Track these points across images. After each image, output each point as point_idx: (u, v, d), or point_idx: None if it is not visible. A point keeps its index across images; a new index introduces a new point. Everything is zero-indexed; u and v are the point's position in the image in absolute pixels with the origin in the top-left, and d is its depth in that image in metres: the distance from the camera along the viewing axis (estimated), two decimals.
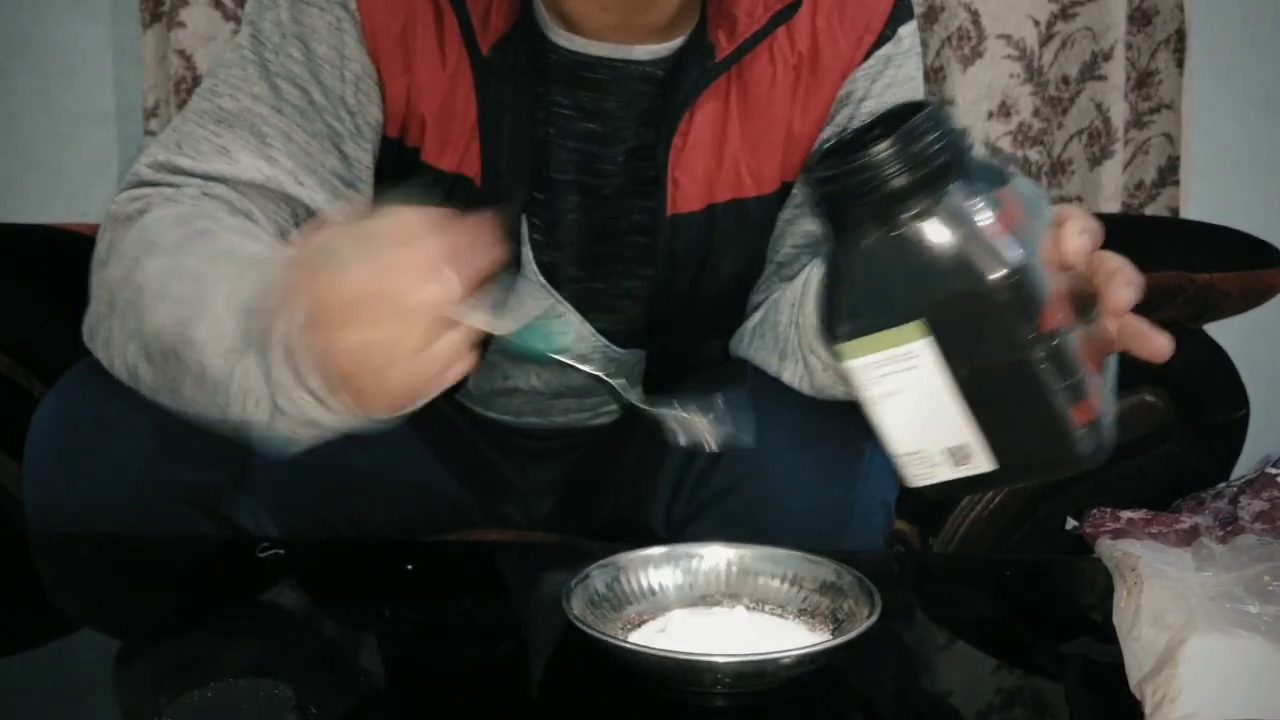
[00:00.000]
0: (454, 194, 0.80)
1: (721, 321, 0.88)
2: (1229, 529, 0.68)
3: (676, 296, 0.84)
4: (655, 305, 0.85)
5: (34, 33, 1.68)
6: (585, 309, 0.86)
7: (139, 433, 0.75)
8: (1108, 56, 1.56)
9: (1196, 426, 1.02)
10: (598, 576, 0.63)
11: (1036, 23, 1.59)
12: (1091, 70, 1.58)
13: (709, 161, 0.80)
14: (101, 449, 0.76)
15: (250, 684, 0.49)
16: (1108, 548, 0.67)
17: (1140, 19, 1.60)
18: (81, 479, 0.76)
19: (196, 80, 1.60)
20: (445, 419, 0.96)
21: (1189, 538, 0.65)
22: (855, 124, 0.81)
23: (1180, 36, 1.58)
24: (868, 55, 0.82)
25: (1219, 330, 1.04)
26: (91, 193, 1.71)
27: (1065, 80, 1.60)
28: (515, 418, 0.96)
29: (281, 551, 0.74)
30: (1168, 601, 0.57)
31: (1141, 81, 1.62)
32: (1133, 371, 0.59)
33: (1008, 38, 1.59)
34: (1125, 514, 0.71)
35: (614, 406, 0.95)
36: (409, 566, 0.73)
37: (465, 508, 0.96)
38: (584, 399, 0.94)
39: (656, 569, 0.65)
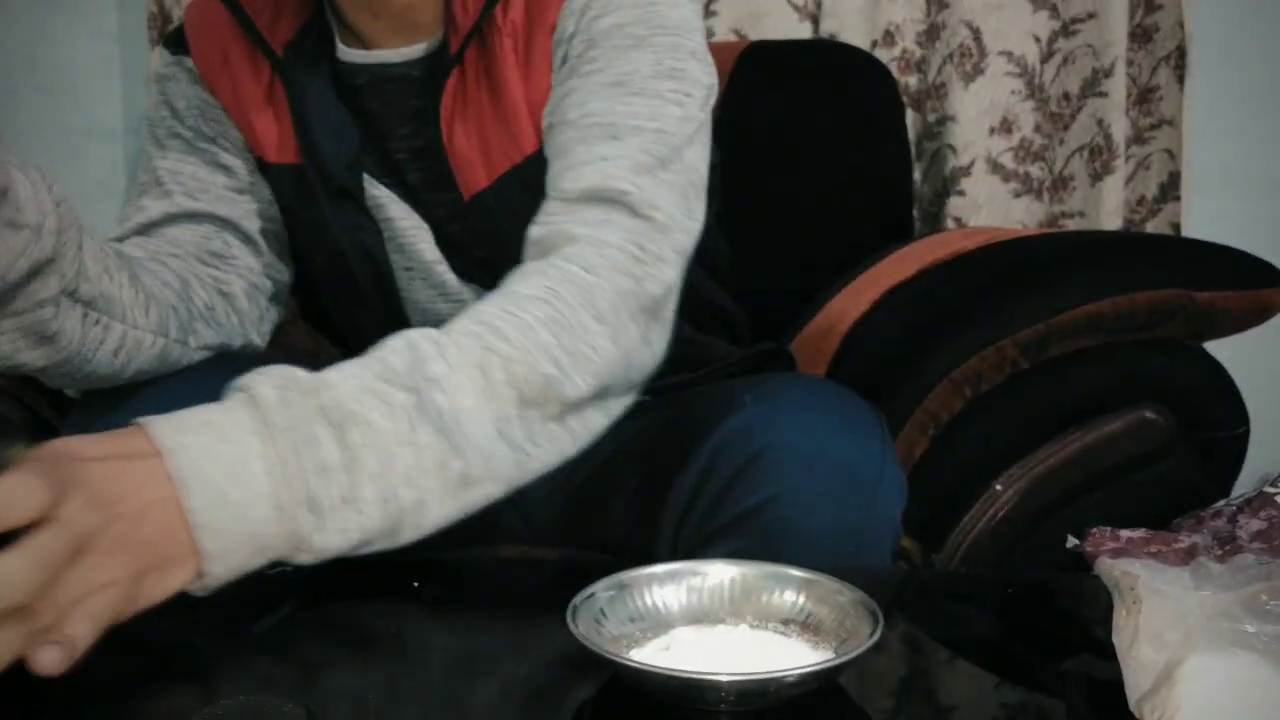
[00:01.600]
0: (293, 186, 0.93)
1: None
2: (1227, 548, 0.69)
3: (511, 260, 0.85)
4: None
5: (42, 49, 1.69)
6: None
7: None
8: (1109, 73, 1.57)
9: (1197, 443, 1.02)
10: (602, 594, 0.64)
11: (1038, 40, 1.60)
12: (1093, 87, 1.59)
13: (477, 145, 0.88)
14: None
15: (261, 701, 0.49)
16: (1107, 566, 0.67)
17: (1141, 36, 1.61)
18: None
19: None
20: None
21: (1187, 557, 0.66)
22: (574, 61, 0.84)
23: (1181, 53, 1.59)
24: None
25: (1219, 347, 1.04)
26: (98, 209, 1.72)
27: (1066, 97, 1.61)
28: None
29: (288, 568, 0.75)
30: (1166, 620, 0.58)
31: (1142, 98, 1.63)
32: (1134, 388, 0.60)
33: (1009, 54, 1.60)
34: (1125, 533, 0.71)
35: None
36: (415, 584, 0.74)
37: (469, 520, 0.97)
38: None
39: (661, 586, 0.66)
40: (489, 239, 0.90)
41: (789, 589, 0.65)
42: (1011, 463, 1.04)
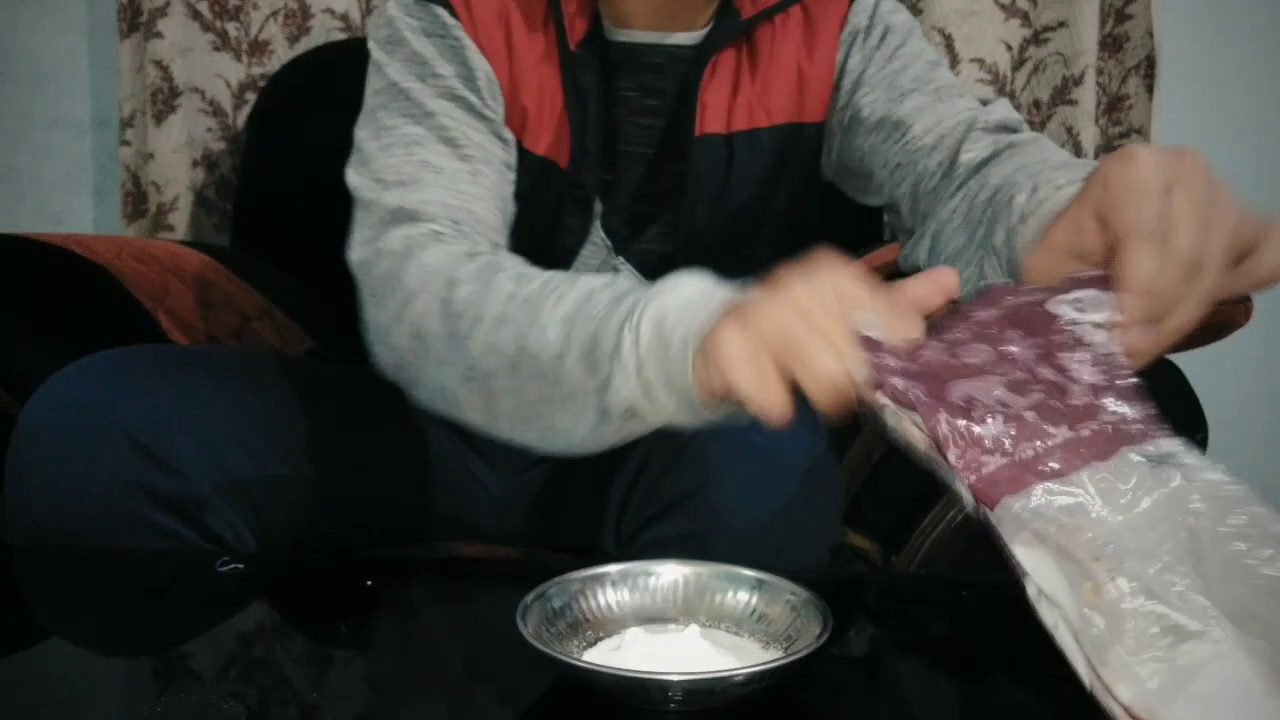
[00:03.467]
0: (541, 176, 0.91)
1: (731, 257, 0.96)
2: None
3: (699, 221, 0.95)
4: (679, 235, 0.95)
5: (10, 41, 1.68)
6: (620, 251, 0.96)
7: (121, 442, 0.77)
8: (1079, 81, 1.58)
9: None
10: (553, 595, 0.63)
11: (1009, 47, 1.61)
12: (1063, 95, 1.60)
13: (728, 96, 0.93)
14: (83, 458, 0.77)
15: (200, 700, 0.49)
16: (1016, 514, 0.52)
17: (1111, 45, 1.62)
18: (63, 488, 0.77)
19: (173, 91, 1.60)
20: (426, 429, 0.96)
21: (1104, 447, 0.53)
22: (870, 49, 0.95)
23: (1150, 63, 1.60)
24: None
25: (1176, 354, 1.05)
26: (67, 203, 1.71)
27: (1037, 105, 1.62)
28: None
29: (241, 566, 0.74)
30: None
31: (1112, 106, 1.64)
32: None
33: (980, 62, 1.61)
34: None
35: None
36: (369, 583, 0.74)
37: (439, 518, 0.97)
38: None
39: (613, 587, 0.66)
40: (697, 180, 0.93)
41: (741, 590, 0.65)
42: None
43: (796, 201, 1.00)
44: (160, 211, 1.64)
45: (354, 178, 0.85)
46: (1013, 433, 0.54)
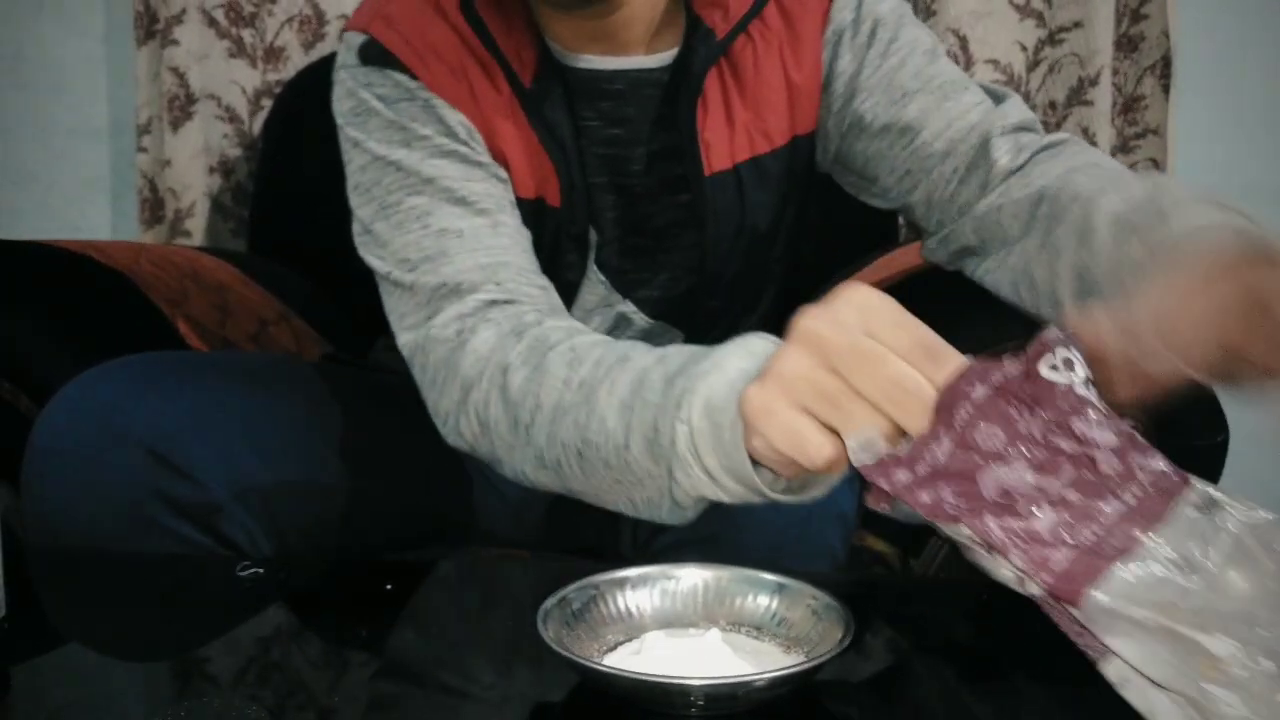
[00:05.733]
0: (536, 216, 0.87)
1: (746, 282, 0.96)
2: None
3: (719, 258, 0.92)
4: (701, 270, 0.92)
5: (27, 48, 1.69)
6: (625, 292, 0.94)
7: (138, 449, 0.78)
8: (1094, 82, 1.57)
9: (1174, 451, 1.01)
10: (574, 598, 0.63)
11: (1024, 48, 1.61)
12: (1078, 95, 1.59)
13: (724, 127, 0.89)
14: (99, 464, 0.78)
15: (223, 705, 0.49)
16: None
17: (1127, 45, 1.61)
18: (80, 494, 0.78)
19: (190, 97, 1.61)
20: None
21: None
22: (861, 48, 0.90)
23: (1166, 62, 1.59)
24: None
25: None
26: (84, 209, 1.72)
27: (1052, 105, 1.61)
28: None
29: (261, 570, 0.74)
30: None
31: (1128, 107, 1.63)
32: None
33: (995, 63, 1.60)
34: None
35: None
36: (388, 587, 0.74)
37: (455, 523, 0.97)
38: None
39: (634, 590, 0.65)
40: (715, 218, 0.91)
41: (762, 594, 0.65)
42: None
43: (804, 210, 0.98)
44: (177, 218, 1.65)
45: (377, 262, 0.82)
46: (1067, 518, 0.51)
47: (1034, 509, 0.51)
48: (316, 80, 1.57)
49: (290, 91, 1.57)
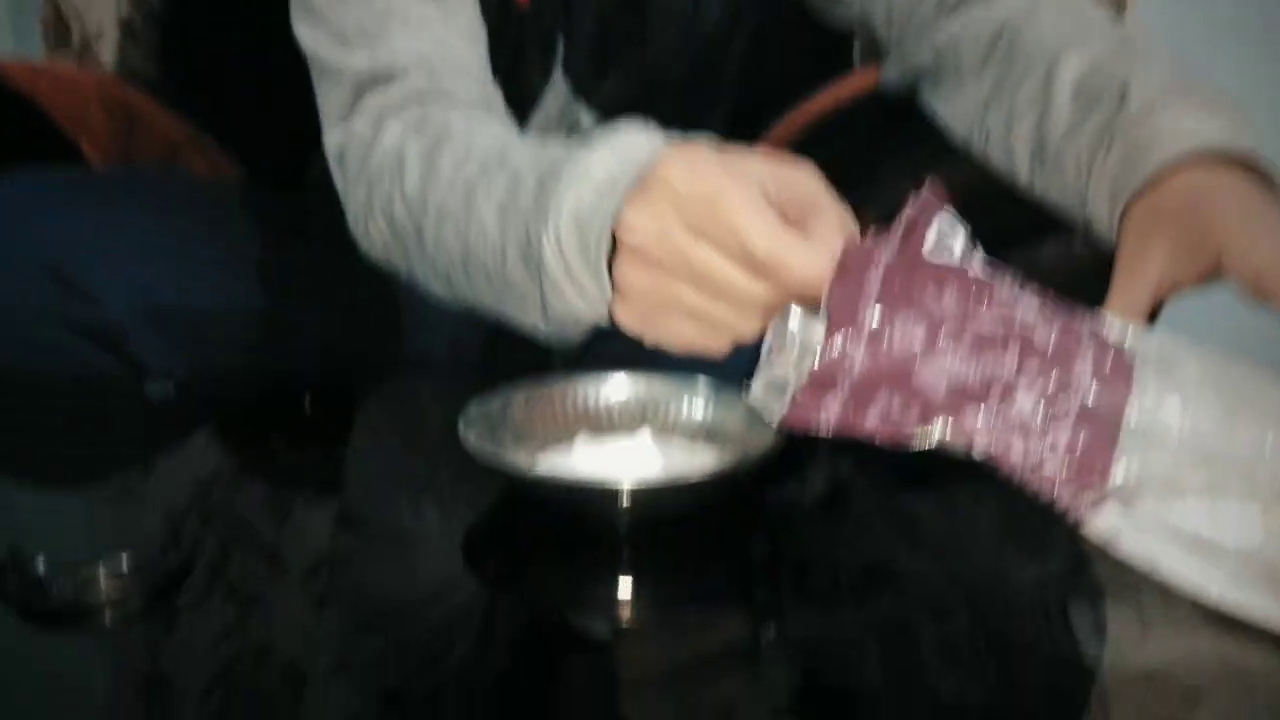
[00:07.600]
0: (501, 17, 0.81)
1: (695, 99, 0.92)
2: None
3: (663, 61, 0.89)
4: (642, 77, 0.88)
5: None
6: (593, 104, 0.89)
7: (35, 267, 0.76)
8: None
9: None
10: (497, 405, 0.61)
11: None
12: None
13: None
14: None
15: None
16: None
17: None
18: None
19: None
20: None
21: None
22: None
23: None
24: None
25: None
26: None
27: None
28: None
29: (171, 386, 0.71)
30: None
31: None
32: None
33: None
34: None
35: None
36: (306, 402, 0.71)
37: (385, 351, 0.94)
38: None
39: (561, 397, 0.63)
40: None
41: (694, 398, 0.63)
42: None
43: (760, 33, 0.94)
44: (85, 43, 1.55)
45: (308, 34, 0.75)
46: (1046, 393, 0.47)
47: (1003, 394, 0.47)
48: None
49: None
